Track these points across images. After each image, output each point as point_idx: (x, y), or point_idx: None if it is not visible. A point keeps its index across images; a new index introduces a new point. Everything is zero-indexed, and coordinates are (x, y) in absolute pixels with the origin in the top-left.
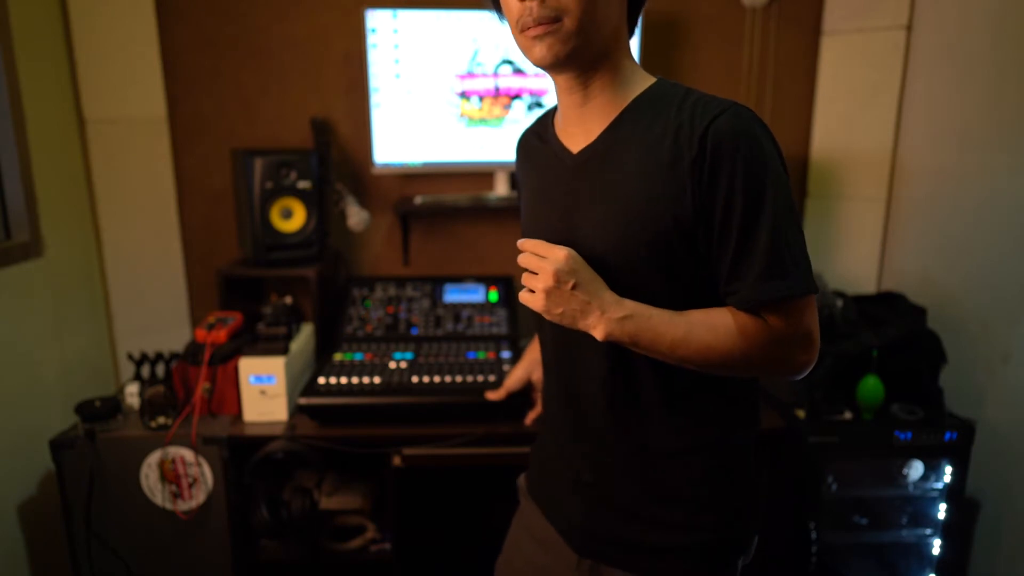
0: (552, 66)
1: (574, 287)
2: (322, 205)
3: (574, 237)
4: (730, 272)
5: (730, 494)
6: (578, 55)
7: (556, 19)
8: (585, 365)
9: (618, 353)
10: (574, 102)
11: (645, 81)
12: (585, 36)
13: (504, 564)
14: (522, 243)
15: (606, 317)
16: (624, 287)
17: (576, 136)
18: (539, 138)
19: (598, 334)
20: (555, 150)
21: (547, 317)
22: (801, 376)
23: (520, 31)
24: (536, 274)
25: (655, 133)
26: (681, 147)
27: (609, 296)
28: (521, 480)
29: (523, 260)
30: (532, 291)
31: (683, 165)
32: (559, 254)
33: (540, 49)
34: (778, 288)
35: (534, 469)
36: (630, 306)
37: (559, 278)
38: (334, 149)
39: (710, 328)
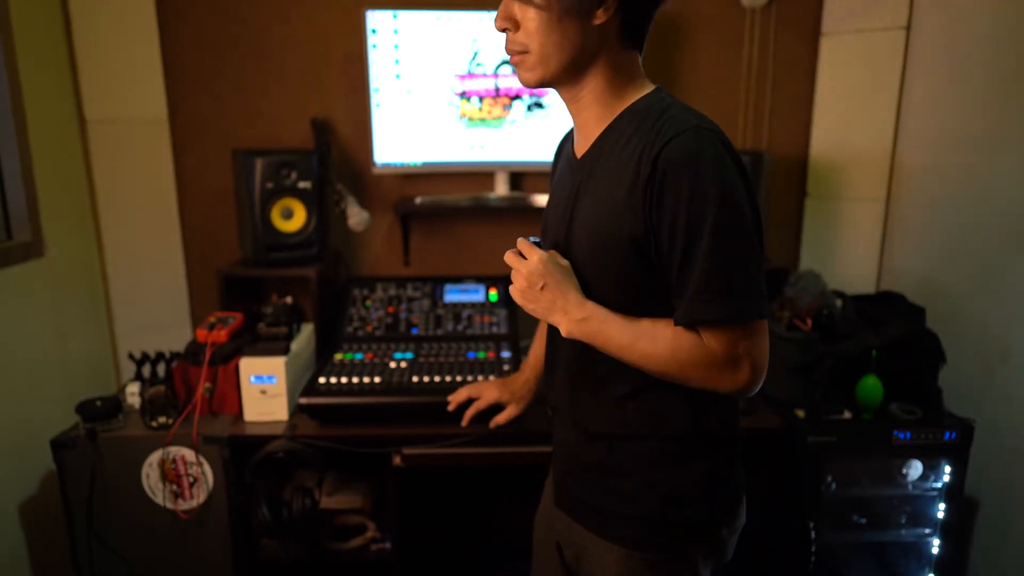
0: (532, 88)
1: (543, 288)
2: (322, 205)
3: (570, 229)
4: (676, 288)
5: (676, 480)
6: (549, 79)
7: (523, 51)
8: (561, 351)
9: (584, 346)
10: (573, 112)
11: (638, 92)
12: (547, 64)
13: (539, 514)
14: (518, 242)
15: (568, 317)
16: (594, 281)
17: (580, 142)
18: (566, 143)
19: (562, 330)
20: (568, 153)
21: (525, 310)
22: (740, 395)
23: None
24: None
25: (629, 149)
26: (641, 167)
27: (574, 298)
28: None
29: (507, 258)
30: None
31: (640, 184)
32: (534, 258)
33: (518, 75)
34: (708, 311)
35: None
36: (590, 309)
37: (530, 280)
38: (334, 149)
39: (652, 340)
